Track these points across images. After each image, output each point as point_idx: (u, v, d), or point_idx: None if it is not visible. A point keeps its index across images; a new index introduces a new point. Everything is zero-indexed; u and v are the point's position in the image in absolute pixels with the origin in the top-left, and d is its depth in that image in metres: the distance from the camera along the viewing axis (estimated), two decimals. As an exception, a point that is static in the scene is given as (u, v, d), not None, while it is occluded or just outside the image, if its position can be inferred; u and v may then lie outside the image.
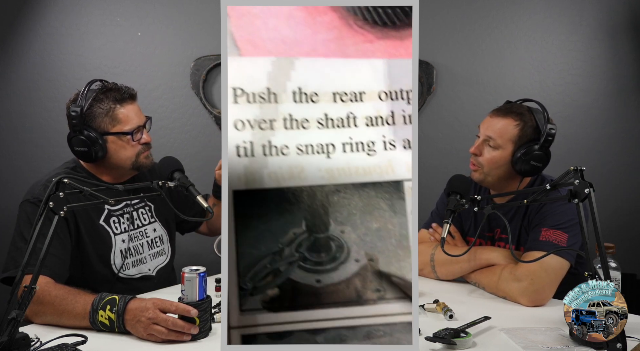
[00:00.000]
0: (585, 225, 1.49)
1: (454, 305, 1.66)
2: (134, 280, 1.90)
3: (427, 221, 2.13)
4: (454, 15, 3.07)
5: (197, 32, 3.04)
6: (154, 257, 1.98)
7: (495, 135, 1.87)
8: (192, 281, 1.47)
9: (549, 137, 1.83)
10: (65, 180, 1.36)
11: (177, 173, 1.74)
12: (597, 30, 2.99)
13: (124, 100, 1.85)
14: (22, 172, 2.98)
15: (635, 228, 2.99)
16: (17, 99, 3.01)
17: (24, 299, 1.26)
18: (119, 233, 1.88)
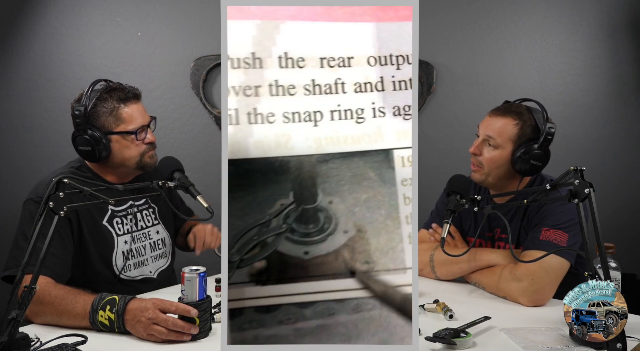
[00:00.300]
0: (585, 225, 1.49)
1: (454, 305, 1.66)
2: (135, 281, 1.90)
3: (427, 221, 2.13)
4: (454, 15, 3.07)
5: (197, 32, 3.04)
6: (156, 259, 1.98)
7: (495, 134, 1.87)
8: (192, 281, 1.47)
9: (548, 136, 1.83)
10: (66, 180, 1.36)
11: (177, 173, 1.74)
12: (597, 30, 2.99)
13: (128, 100, 1.85)
14: (22, 172, 2.98)
15: (635, 228, 2.99)
16: (17, 99, 3.01)
17: (24, 299, 1.26)
18: (122, 234, 1.88)
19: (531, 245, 1.79)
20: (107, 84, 1.87)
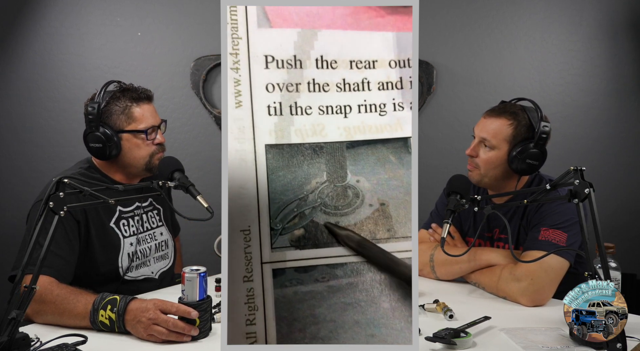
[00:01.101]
0: (585, 225, 1.49)
1: (454, 305, 1.66)
2: (137, 281, 1.90)
3: (426, 221, 2.13)
4: (454, 15, 3.07)
5: (197, 32, 3.04)
6: (158, 260, 1.99)
7: (490, 135, 1.87)
8: (193, 281, 1.48)
9: (542, 134, 1.83)
10: (66, 180, 1.36)
11: (177, 173, 1.74)
12: (597, 30, 2.99)
13: (140, 100, 1.88)
14: (22, 172, 2.98)
15: (635, 228, 2.99)
16: (17, 99, 3.01)
17: (24, 299, 1.26)
18: (128, 236, 1.89)
19: (531, 245, 1.79)
20: (120, 85, 1.90)
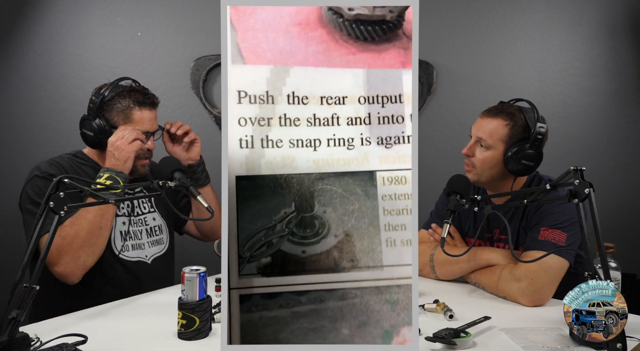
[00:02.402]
0: (584, 225, 1.49)
1: (454, 305, 1.66)
2: (131, 262, 1.94)
3: (426, 221, 2.13)
4: (454, 15, 3.07)
5: (197, 32, 3.04)
6: (153, 244, 2.02)
7: (486, 135, 1.87)
8: (192, 281, 1.48)
9: (538, 135, 1.83)
10: (66, 180, 1.36)
11: (177, 173, 1.74)
12: (597, 30, 2.99)
13: (144, 104, 1.93)
14: (22, 172, 2.95)
15: (635, 228, 2.99)
16: (17, 99, 3.01)
17: (24, 299, 1.26)
18: (120, 216, 1.93)
19: (530, 245, 1.79)
20: (131, 85, 1.95)
